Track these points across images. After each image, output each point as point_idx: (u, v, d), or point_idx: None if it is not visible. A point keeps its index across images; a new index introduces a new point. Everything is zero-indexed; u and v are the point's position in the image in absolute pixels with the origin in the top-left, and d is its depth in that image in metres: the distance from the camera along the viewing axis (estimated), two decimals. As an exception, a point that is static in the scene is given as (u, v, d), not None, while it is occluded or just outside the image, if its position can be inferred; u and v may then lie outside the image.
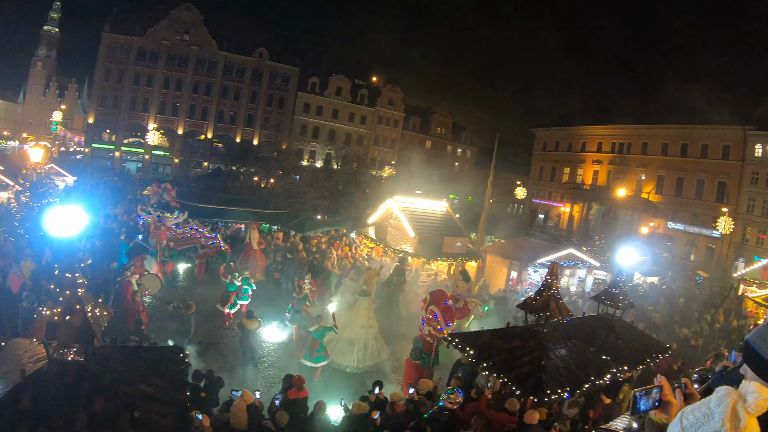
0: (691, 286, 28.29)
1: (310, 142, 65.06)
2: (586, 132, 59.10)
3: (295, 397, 10.18)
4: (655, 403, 2.55)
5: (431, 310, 14.71)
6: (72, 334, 5.94)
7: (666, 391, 2.57)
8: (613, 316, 12.65)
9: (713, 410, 1.95)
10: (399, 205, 25.63)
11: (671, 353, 12.90)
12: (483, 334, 11.86)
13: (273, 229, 29.22)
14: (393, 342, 17.30)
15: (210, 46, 60.32)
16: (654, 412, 2.57)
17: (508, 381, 9.65)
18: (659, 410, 2.56)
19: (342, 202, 36.32)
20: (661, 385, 2.58)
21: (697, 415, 2.03)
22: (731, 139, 44.08)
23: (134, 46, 58.05)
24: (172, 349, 7.93)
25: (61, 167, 35.87)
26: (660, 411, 2.56)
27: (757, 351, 2.24)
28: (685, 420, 2.07)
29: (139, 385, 6.12)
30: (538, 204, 63.18)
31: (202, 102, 61.34)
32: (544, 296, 10.94)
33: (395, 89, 68.55)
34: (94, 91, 60.46)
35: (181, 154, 60.81)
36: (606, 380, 10.25)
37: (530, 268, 25.17)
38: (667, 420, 2.53)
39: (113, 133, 59.16)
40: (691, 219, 46.63)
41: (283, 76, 63.78)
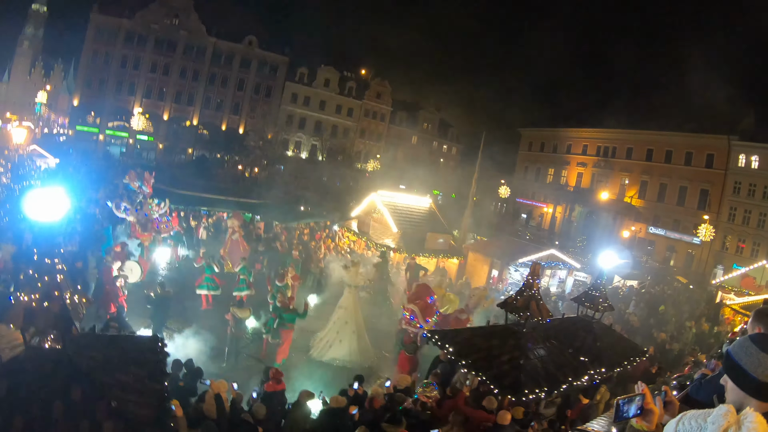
0: (671, 292, 28.54)
1: (296, 132, 64.81)
2: (572, 134, 59.45)
3: (273, 390, 10.17)
4: (638, 411, 2.58)
5: (410, 309, 14.75)
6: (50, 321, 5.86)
7: (648, 399, 2.60)
8: (592, 318, 12.76)
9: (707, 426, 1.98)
10: (383, 199, 25.65)
11: (648, 357, 13.03)
12: (463, 331, 11.94)
13: (255, 219, 29.09)
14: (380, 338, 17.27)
15: (199, 32, 59.69)
16: (636, 420, 2.60)
17: (487, 379, 9.72)
18: (641, 418, 2.59)
19: (326, 194, 36.27)
20: (644, 394, 2.61)
21: (693, 425, 2.06)
22: (715, 148, 44.53)
23: (123, 29, 57.24)
24: (151, 338, 7.88)
25: (44, 149, 35.32)
26: (641, 419, 2.59)
27: (737, 362, 2.26)
28: (681, 426, 2.10)
29: (117, 374, 6.07)
30: (522, 203, 63.47)
31: (189, 88, 60.76)
32: (525, 296, 11.01)
33: (383, 83, 68.40)
34: (80, 72, 59.70)
35: (165, 140, 60.15)
36: (583, 381, 10.35)
37: (511, 267, 25.32)
38: (648, 428, 2.57)
39: (98, 115, 58.37)
40: (672, 225, 47.09)
41: (271, 65, 63.35)
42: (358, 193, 31.19)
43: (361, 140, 67.36)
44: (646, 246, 47.02)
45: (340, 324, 15.82)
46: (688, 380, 5.33)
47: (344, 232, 28.20)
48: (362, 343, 15.78)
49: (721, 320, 23.27)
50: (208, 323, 16.16)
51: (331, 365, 15.12)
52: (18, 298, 6.62)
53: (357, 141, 66.90)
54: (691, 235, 43.18)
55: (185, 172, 36.20)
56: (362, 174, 58.31)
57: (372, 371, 14.53)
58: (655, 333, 19.19)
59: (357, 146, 66.41)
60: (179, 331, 15.06)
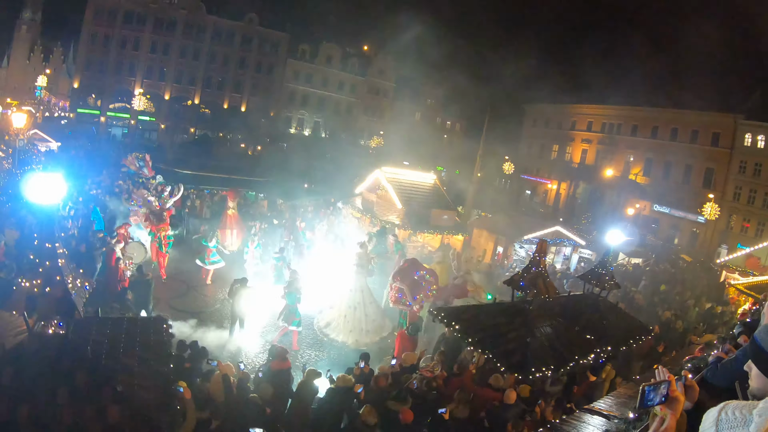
0: (674, 270, 28.40)
1: (299, 110, 64.38)
2: (577, 110, 58.88)
3: (279, 368, 10.16)
4: (662, 399, 2.50)
5: (397, 287, 14.67)
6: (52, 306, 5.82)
7: (674, 386, 2.52)
8: (598, 296, 12.70)
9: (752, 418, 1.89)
10: (387, 176, 25.48)
11: (653, 336, 12.98)
12: (469, 309, 11.89)
13: (259, 197, 29.00)
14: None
15: (199, 10, 59.01)
16: (660, 407, 2.52)
17: (493, 357, 9.69)
18: (665, 405, 2.51)
19: (329, 171, 36.09)
20: (669, 381, 2.53)
21: (737, 415, 1.97)
22: (722, 127, 43.97)
23: (121, 10, 56.58)
24: (156, 320, 7.83)
25: (45, 133, 35.14)
26: (666, 406, 2.51)
27: (764, 348, 2.18)
28: (724, 415, 2.02)
29: (122, 357, 6.05)
30: (526, 180, 63.19)
31: (189, 67, 60.27)
32: (531, 273, 10.95)
33: (386, 59, 67.52)
34: (80, 55, 59.23)
35: (167, 120, 59.86)
36: (590, 359, 10.32)
37: (516, 244, 25.22)
38: (673, 416, 2.49)
39: (99, 98, 58.09)
40: (677, 203, 46.60)
41: (272, 43, 62.74)
42: (361, 169, 30.94)
43: (364, 117, 66.91)
44: (650, 224, 46.70)
45: (348, 310, 15.79)
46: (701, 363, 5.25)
47: (348, 209, 28.07)
48: (369, 325, 15.75)
49: (726, 300, 23.16)
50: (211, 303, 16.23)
51: (336, 344, 15.16)
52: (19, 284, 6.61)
53: (360, 117, 66.46)
54: (696, 213, 42.68)
55: (187, 152, 36.12)
56: (366, 151, 58.06)
57: (379, 351, 14.50)
58: (659, 311, 19.11)
59: (360, 123, 66.00)
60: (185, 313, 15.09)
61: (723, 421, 1.98)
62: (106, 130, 57.67)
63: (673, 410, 2.49)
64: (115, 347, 6.14)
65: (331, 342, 15.29)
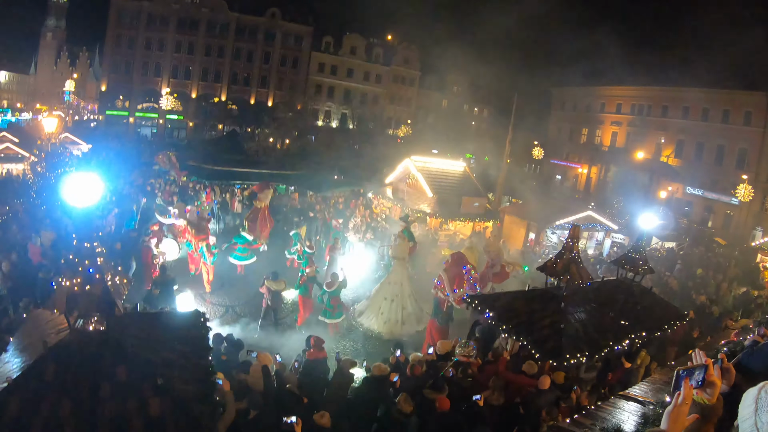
0: (710, 254, 27.87)
1: (325, 102, 64.60)
2: (606, 92, 57.86)
3: (315, 357, 10.27)
4: (698, 383, 2.47)
5: (439, 275, 14.70)
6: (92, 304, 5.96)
7: (711, 371, 2.49)
8: (632, 281, 12.54)
9: None
10: (416, 165, 25.49)
11: (688, 321, 12.78)
12: (503, 296, 11.86)
13: (290, 190, 29.23)
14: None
15: (221, 8, 59.49)
16: (696, 391, 2.49)
17: (527, 344, 9.66)
18: (702, 390, 2.48)
19: (358, 162, 36.14)
20: (707, 365, 2.50)
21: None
22: (754, 105, 42.62)
23: (144, 11, 57.36)
24: (193, 314, 7.96)
25: (75, 136, 35.88)
26: (702, 391, 2.48)
27: None
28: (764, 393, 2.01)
29: (162, 351, 6.17)
30: (556, 165, 62.43)
31: (215, 65, 60.87)
32: (564, 259, 10.87)
33: (411, 47, 67.31)
34: (106, 58, 60.09)
35: (195, 118, 60.65)
36: (624, 345, 10.22)
37: (548, 230, 25.03)
38: (710, 401, 2.47)
39: (126, 99, 59.04)
40: (709, 185, 45.46)
41: (296, 36, 62.99)
42: (391, 159, 30.96)
43: (390, 106, 66.83)
44: (683, 207, 45.81)
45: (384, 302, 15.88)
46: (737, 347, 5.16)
47: (379, 199, 28.13)
48: (406, 317, 15.82)
49: (762, 283, 22.64)
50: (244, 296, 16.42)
51: (371, 334, 15.27)
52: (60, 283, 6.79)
53: (387, 107, 66.39)
54: (730, 195, 41.59)
55: (217, 148, 36.44)
56: (394, 140, 58.01)
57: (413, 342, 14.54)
58: (694, 295, 18.81)
59: (387, 112, 65.94)
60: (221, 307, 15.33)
61: (762, 399, 1.97)
62: (135, 131, 58.56)
63: (710, 394, 2.46)
64: (155, 341, 6.27)
65: (366, 332, 15.40)
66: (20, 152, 26.77)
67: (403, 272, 16.38)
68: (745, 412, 2.09)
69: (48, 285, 9.72)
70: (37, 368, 4.95)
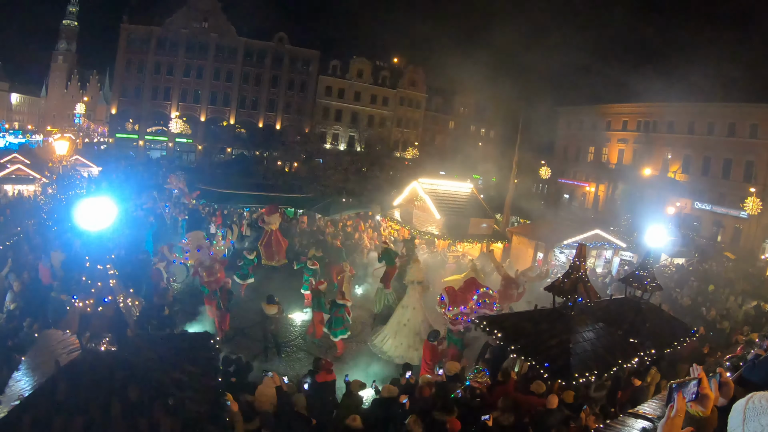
0: (719, 268, 27.73)
1: (333, 125, 65.03)
2: (611, 110, 58.06)
3: (324, 380, 10.28)
4: (693, 396, 2.51)
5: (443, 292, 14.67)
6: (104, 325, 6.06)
7: (704, 383, 2.53)
8: (640, 299, 12.52)
9: None
10: (424, 187, 25.54)
11: (698, 337, 12.72)
12: (511, 316, 11.87)
13: (298, 213, 29.35)
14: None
15: (229, 33, 60.39)
16: (690, 404, 2.53)
17: (536, 364, 9.65)
18: (696, 403, 2.52)
19: (366, 185, 36.29)
20: (700, 378, 2.54)
21: (763, 404, 2.02)
22: (759, 117, 42.66)
23: (153, 36, 58.36)
24: (203, 335, 8.04)
25: (86, 158, 36.34)
26: (697, 404, 2.52)
27: None
28: (751, 404, 2.06)
29: (172, 372, 6.23)
30: (563, 184, 62.44)
31: (223, 88, 61.59)
32: (572, 278, 10.89)
33: (417, 70, 68.01)
34: (116, 81, 61.04)
35: (204, 141, 61.15)
36: (633, 363, 10.19)
37: (556, 250, 24.98)
38: (704, 413, 2.50)
39: (136, 122, 59.81)
40: (718, 199, 45.37)
41: (303, 60, 63.73)
42: (398, 181, 31.06)
43: (398, 129, 67.24)
44: (692, 222, 45.65)
45: (399, 326, 15.87)
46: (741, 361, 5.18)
47: (387, 221, 28.20)
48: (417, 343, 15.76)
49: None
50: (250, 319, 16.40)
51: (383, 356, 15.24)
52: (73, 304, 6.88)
53: (394, 130, 66.78)
54: (738, 209, 41.41)
55: (226, 171, 36.73)
56: (401, 162, 58.25)
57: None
58: (704, 311, 18.70)
59: (394, 135, 66.28)
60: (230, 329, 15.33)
61: (750, 410, 2.03)
62: (144, 154, 59.12)
63: (704, 407, 2.50)
64: (166, 362, 6.33)
65: (377, 354, 15.37)
66: (31, 174, 27.15)
67: (416, 296, 16.37)
68: (733, 423, 2.14)
69: (61, 305, 9.82)
70: (49, 387, 5.03)
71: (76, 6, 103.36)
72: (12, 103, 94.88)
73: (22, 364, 6.36)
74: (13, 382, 5.89)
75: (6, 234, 16.31)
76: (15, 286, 11.49)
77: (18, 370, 6.20)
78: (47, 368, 5.42)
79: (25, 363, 6.40)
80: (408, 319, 15.87)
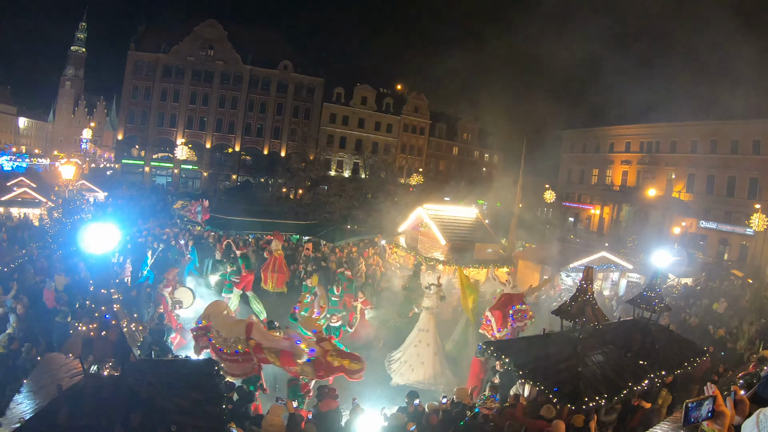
0: (726, 286, 27.51)
1: (338, 152, 65.41)
2: (614, 132, 58.34)
3: (328, 408, 10.15)
4: (708, 414, 2.45)
5: (486, 315, 14.80)
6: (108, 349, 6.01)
7: (719, 401, 2.48)
8: (648, 320, 12.40)
9: None
10: (429, 213, 25.49)
11: (709, 356, 12.56)
12: (519, 341, 11.76)
13: (303, 240, 29.27)
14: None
15: (234, 61, 61.14)
16: (707, 422, 2.47)
17: (545, 388, 9.53)
18: (712, 421, 2.46)
19: (371, 212, 36.25)
20: (714, 396, 2.48)
21: None
22: (761, 133, 42.80)
23: (160, 63, 59.15)
24: (206, 362, 7.97)
25: (92, 183, 36.57)
26: (713, 422, 2.46)
27: None
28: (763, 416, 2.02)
29: (175, 398, 6.16)
30: (568, 207, 62.47)
31: (228, 116, 62.19)
32: (579, 302, 10.81)
33: (420, 96, 68.58)
34: (122, 108, 61.80)
35: (209, 168, 61.60)
36: (644, 386, 10.05)
37: (563, 273, 24.85)
38: (720, 431, 2.45)
39: (142, 148, 60.32)
40: (723, 217, 45.38)
41: (308, 88, 64.37)
42: (403, 208, 31.04)
43: (402, 155, 67.48)
44: (698, 241, 45.51)
45: (422, 346, 15.81)
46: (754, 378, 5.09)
47: (393, 248, 28.12)
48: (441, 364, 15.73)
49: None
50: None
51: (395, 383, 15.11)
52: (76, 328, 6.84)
53: (398, 156, 67.03)
54: (744, 226, 41.39)
55: (231, 198, 36.79)
56: (406, 189, 58.33)
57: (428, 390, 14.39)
58: (712, 330, 18.46)
59: (399, 161, 66.48)
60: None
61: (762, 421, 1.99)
62: (150, 180, 59.53)
63: (720, 425, 2.45)
64: (169, 388, 6.26)
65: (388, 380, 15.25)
66: (37, 197, 27.29)
67: (434, 322, 16.35)
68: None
69: (65, 329, 9.76)
70: (50, 411, 4.97)
71: (85, 33, 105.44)
72: (20, 127, 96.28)
73: (24, 387, 6.31)
74: (15, 405, 5.84)
75: (11, 257, 16.31)
76: (18, 308, 11.44)
77: (20, 393, 6.15)
78: (49, 392, 5.37)
79: (26, 386, 6.35)
80: (428, 343, 15.85)
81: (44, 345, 9.68)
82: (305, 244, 28.04)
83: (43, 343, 9.81)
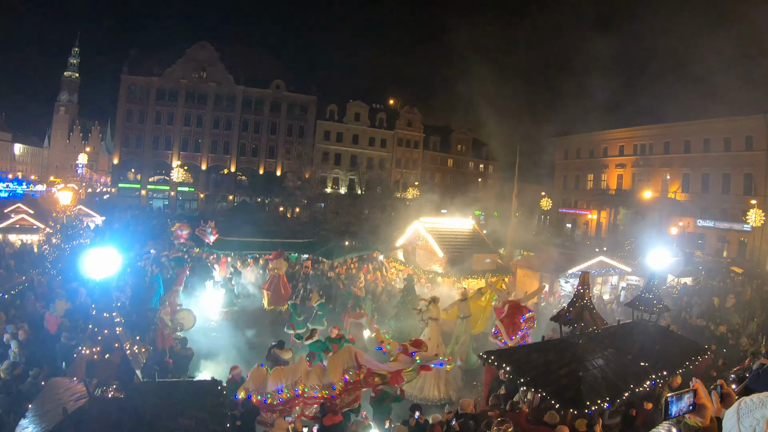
0: (727, 283, 27.53)
1: (333, 169, 65.66)
2: (607, 136, 58.61)
3: (332, 422, 10.16)
4: (690, 407, 2.52)
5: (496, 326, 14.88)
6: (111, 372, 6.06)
7: (700, 394, 2.55)
8: (648, 322, 12.47)
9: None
10: (425, 226, 25.56)
11: (711, 354, 12.61)
12: (519, 349, 11.80)
13: (301, 258, 29.29)
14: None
15: (227, 82, 61.52)
16: (689, 416, 2.55)
17: (547, 395, 9.57)
18: (694, 414, 2.53)
19: (368, 227, 36.33)
20: (695, 389, 2.56)
21: (754, 400, 2.06)
22: (753, 129, 42.96)
23: (153, 86, 59.49)
24: (210, 382, 8.01)
25: (89, 208, 36.59)
26: (695, 414, 2.53)
27: None
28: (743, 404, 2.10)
29: (180, 419, 6.21)
30: (565, 213, 62.63)
31: (223, 136, 62.44)
32: (577, 307, 10.88)
33: (413, 110, 68.99)
34: (117, 132, 62.02)
35: (206, 189, 61.81)
36: (646, 387, 10.09)
37: (561, 279, 24.90)
38: (703, 423, 2.51)
39: (138, 172, 60.47)
40: (720, 215, 45.50)
41: (301, 106, 64.69)
42: (400, 222, 31.12)
43: (397, 169, 67.67)
44: (696, 240, 45.57)
45: None
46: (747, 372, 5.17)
47: (391, 262, 28.15)
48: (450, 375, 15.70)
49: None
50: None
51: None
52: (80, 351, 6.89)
53: (393, 171, 67.22)
54: (741, 222, 41.47)
55: (228, 219, 36.86)
56: (402, 203, 58.52)
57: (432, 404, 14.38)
58: (712, 327, 18.50)
59: (394, 176, 66.66)
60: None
61: (743, 408, 2.07)
62: (147, 203, 59.62)
63: (702, 417, 2.52)
64: (173, 409, 6.31)
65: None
66: (35, 224, 27.36)
67: (438, 333, 16.35)
68: (728, 424, 2.17)
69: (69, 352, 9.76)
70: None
71: (77, 58, 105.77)
72: (15, 154, 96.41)
73: (29, 411, 6.34)
74: (20, 430, 5.87)
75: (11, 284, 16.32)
76: (20, 334, 11.45)
77: (25, 417, 6.18)
78: (54, 415, 5.41)
79: (32, 410, 6.38)
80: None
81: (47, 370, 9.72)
82: (304, 262, 28.09)
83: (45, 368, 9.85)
